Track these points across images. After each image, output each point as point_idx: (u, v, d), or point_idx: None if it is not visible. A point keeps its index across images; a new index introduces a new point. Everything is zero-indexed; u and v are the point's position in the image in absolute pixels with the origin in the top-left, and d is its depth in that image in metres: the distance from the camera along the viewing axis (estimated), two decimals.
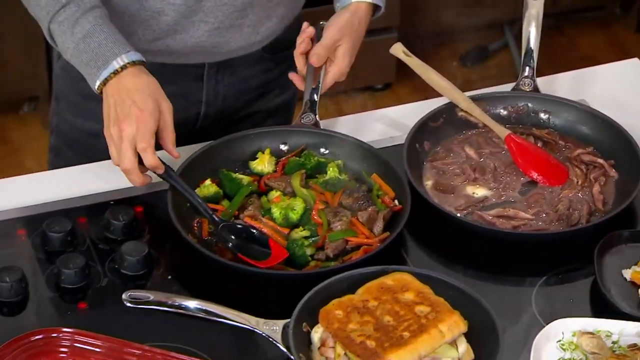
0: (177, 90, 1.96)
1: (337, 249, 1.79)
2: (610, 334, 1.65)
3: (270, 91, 2.09)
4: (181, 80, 1.98)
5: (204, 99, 2.02)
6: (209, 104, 2.03)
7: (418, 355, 1.59)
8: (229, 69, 2.00)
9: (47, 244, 1.77)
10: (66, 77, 2.01)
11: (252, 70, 2.03)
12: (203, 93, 2.01)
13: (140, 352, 1.59)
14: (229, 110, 2.05)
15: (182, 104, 1.98)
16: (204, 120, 2.05)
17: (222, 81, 2.01)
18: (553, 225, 1.82)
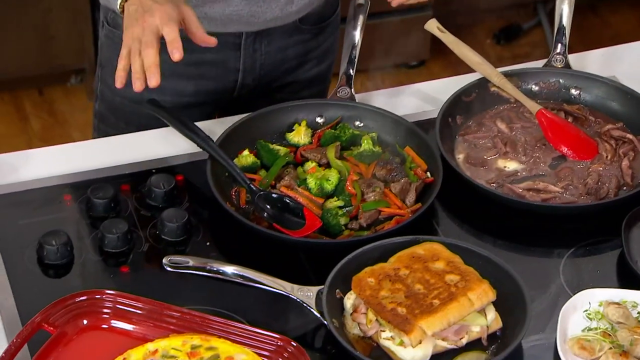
0: (215, 58, 2.01)
1: (370, 218, 1.84)
2: (637, 304, 1.69)
3: (308, 62, 2.13)
4: (219, 48, 2.02)
5: (241, 68, 2.06)
6: (246, 73, 2.07)
7: (447, 322, 1.63)
8: (266, 38, 2.04)
9: (91, 210, 1.83)
10: (110, 44, 2.07)
11: (288, 41, 2.07)
12: (240, 62, 2.05)
13: (179, 314, 1.64)
14: (266, 79, 2.09)
15: (220, 72, 2.04)
16: (242, 89, 2.09)
17: (260, 50, 2.05)
18: (582, 198, 1.85)
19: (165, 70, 1.99)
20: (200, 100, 2.07)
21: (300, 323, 1.69)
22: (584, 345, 1.63)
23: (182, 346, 1.60)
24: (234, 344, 1.60)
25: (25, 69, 3.48)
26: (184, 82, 2.05)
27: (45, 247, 1.74)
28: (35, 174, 1.90)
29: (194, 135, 1.87)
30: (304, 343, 1.63)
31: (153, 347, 1.59)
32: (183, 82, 2.05)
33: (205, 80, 2.05)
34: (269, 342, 1.62)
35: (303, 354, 1.59)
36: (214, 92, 2.05)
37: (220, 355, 1.59)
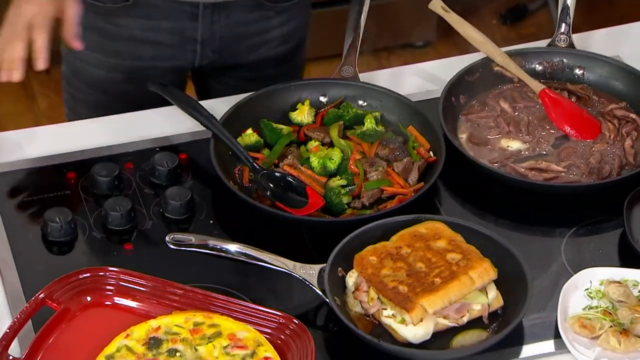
0: (172, 26, 2.03)
1: (373, 197, 1.84)
2: (637, 283, 1.70)
3: (271, 40, 2.12)
4: (176, 17, 2.03)
5: (199, 39, 2.06)
6: (205, 44, 2.07)
7: (449, 300, 1.64)
8: (225, 11, 2.04)
9: (95, 188, 1.84)
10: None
11: (249, 16, 2.07)
12: (198, 32, 2.05)
13: (182, 291, 1.65)
14: (227, 52, 2.09)
15: (177, 40, 2.05)
16: (202, 60, 2.09)
17: (219, 22, 2.05)
18: (584, 177, 1.86)
19: (123, 33, 2.02)
20: (160, 66, 2.07)
21: (303, 301, 1.70)
22: (584, 324, 1.63)
23: (185, 323, 1.61)
24: (236, 321, 1.62)
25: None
26: (142, 46, 2.05)
27: (49, 225, 1.75)
28: (40, 152, 1.91)
29: (198, 114, 1.88)
30: (306, 321, 1.64)
31: (156, 324, 1.60)
32: (142, 46, 2.05)
33: (164, 47, 2.06)
34: (271, 319, 1.63)
35: (305, 331, 1.61)
36: (173, 58, 2.06)
37: (222, 332, 1.60)
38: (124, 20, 2.02)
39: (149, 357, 1.56)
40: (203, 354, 1.58)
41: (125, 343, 1.57)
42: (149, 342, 1.58)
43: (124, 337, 1.58)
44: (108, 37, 2.04)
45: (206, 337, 1.59)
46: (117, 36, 2.04)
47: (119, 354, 1.56)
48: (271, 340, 1.60)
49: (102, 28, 2.04)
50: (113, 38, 2.04)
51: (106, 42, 2.05)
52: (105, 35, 2.04)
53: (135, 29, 2.02)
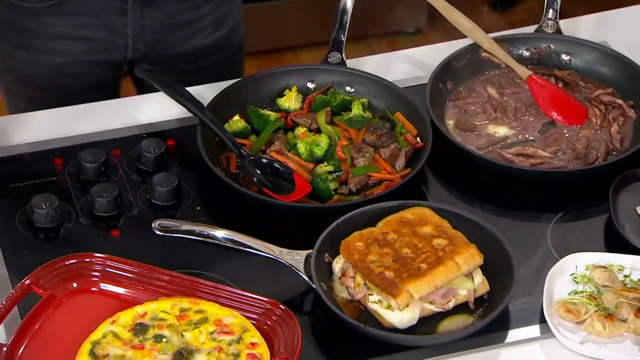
0: (101, 22, 2.03)
1: (360, 183, 1.85)
2: (623, 268, 1.70)
3: (203, 29, 2.12)
4: (105, 14, 2.03)
5: (130, 33, 2.06)
6: (136, 38, 2.07)
7: (434, 286, 1.64)
8: (154, 4, 2.04)
9: (82, 174, 1.84)
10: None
11: (178, 6, 2.07)
12: (129, 27, 2.05)
13: (169, 277, 1.66)
14: (160, 45, 2.09)
15: (108, 36, 2.05)
16: (135, 53, 2.08)
17: (148, 15, 2.05)
18: (571, 163, 1.86)
19: (51, 31, 2.02)
20: (92, 60, 2.07)
21: (289, 287, 1.70)
22: (569, 309, 1.64)
23: (171, 309, 1.61)
24: (222, 307, 1.62)
25: None
26: (72, 43, 2.05)
27: (35, 211, 1.75)
28: (27, 138, 1.91)
29: (185, 100, 1.88)
30: (293, 306, 1.64)
31: (142, 310, 1.60)
32: (72, 43, 2.05)
33: (95, 43, 2.06)
34: (257, 305, 1.63)
35: (291, 317, 1.61)
36: (105, 52, 2.05)
37: (208, 318, 1.60)
38: (52, 20, 2.02)
39: (135, 343, 1.57)
40: (189, 339, 1.58)
41: (111, 329, 1.58)
42: (135, 328, 1.58)
43: (110, 323, 1.58)
44: (36, 36, 2.04)
45: (192, 323, 1.60)
46: (45, 35, 2.04)
47: (105, 339, 1.56)
48: (257, 326, 1.61)
49: (29, 27, 2.03)
50: (41, 37, 2.04)
51: (35, 41, 2.04)
52: (33, 35, 2.04)
53: (64, 26, 2.02)
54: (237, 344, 1.58)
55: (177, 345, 1.57)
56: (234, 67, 2.21)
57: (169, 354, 1.56)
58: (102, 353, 1.54)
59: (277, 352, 1.57)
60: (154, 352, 1.56)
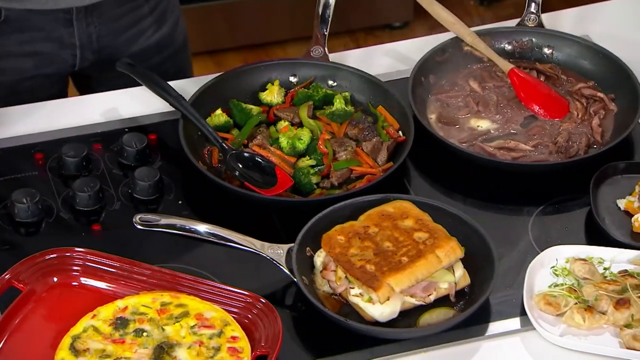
0: (48, 35, 2.02)
1: (342, 177, 1.85)
2: (603, 260, 1.71)
3: (147, 29, 2.12)
4: (50, 26, 2.02)
5: (77, 43, 2.05)
6: (84, 47, 2.06)
7: (415, 279, 1.65)
8: (97, 10, 2.04)
9: (63, 168, 1.84)
10: None
11: (121, 10, 2.07)
12: (75, 37, 2.04)
13: (150, 272, 1.66)
14: (107, 50, 2.09)
15: (56, 48, 2.04)
16: (83, 62, 2.08)
17: (92, 23, 2.04)
18: (552, 156, 1.86)
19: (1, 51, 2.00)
20: (43, 74, 2.06)
21: (271, 281, 1.71)
22: (549, 301, 1.64)
23: (152, 303, 1.61)
24: (203, 301, 1.62)
25: None
26: (21, 60, 2.04)
27: (16, 205, 1.75)
28: (8, 133, 1.90)
29: (167, 95, 1.88)
30: (274, 300, 1.65)
31: (122, 304, 1.60)
32: (21, 60, 2.04)
33: (44, 57, 2.05)
34: (238, 299, 1.63)
35: (272, 310, 1.61)
36: (54, 63, 2.05)
37: (189, 312, 1.60)
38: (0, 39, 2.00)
39: (116, 337, 1.57)
40: (170, 333, 1.58)
41: (92, 323, 1.58)
42: (115, 322, 1.58)
43: (91, 318, 1.58)
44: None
45: (173, 317, 1.60)
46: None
47: (86, 334, 1.56)
48: (238, 320, 1.61)
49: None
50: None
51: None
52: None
53: (11, 44, 2.01)
54: (218, 337, 1.58)
55: (158, 339, 1.57)
56: (182, 64, 2.21)
57: (150, 348, 1.56)
58: (83, 347, 1.54)
59: (258, 346, 1.58)
60: (134, 346, 1.56)
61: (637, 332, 1.59)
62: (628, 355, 1.60)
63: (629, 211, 1.78)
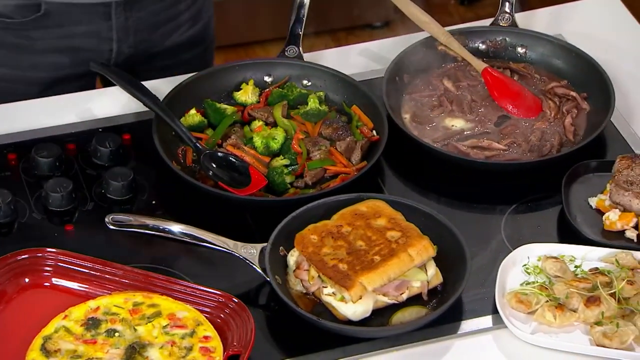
0: (86, 29, 2.03)
1: (316, 177, 1.85)
2: (574, 258, 1.72)
3: (182, 25, 2.13)
4: (89, 20, 2.03)
5: (114, 37, 2.06)
6: (121, 41, 2.07)
7: (387, 277, 1.65)
8: (137, 4, 2.04)
9: (36, 169, 1.84)
10: None
11: (160, 5, 2.07)
12: (113, 31, 2.05)
13: (122, 272, 1.66)
14: (142, 45, 2.09)
15: (94, 43, 2.05)
16: (118, 57, 2.09)
17: (131, 17, 2.05)
18: (525, 155, 1.87)
19: (39, 46, 2.01)
20: (77, 72, 2.07)
21: (245, 280, 1.71)
22: (521, 299, 1.65)
23: (124, 303, 1.61)
24: (175, 301, 1.62)
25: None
26: (58, 55, 2.05)
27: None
28: None
29: (141, 95, 1.87)
30: (248, 300, 1.65)
31: (94, 305, 1.60)
32: (57, 55, 2.05)
33: (80, 52, 2.05)
34: (210, 298, 1.63)
35: (244, 310, 1.61)
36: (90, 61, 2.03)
37: (162, 312, 1.60)
38: (38, 33, 2.01)
39: (87, 337, 1.57)
40: (142, 334, 1.58)
41: (64, 324, 1.57)
42: (87, 322, 1.58)
43: (62, 318, 1.58)
44: (23, 52, 2.03)
45: (145, 317, 1.60)
46: (32, 50, 2.03)
47: (57, 334, 1.56)
48: (211, 319, 1.61)
49: (15, 44, 2.02)
50: (28, 52, 2.03)
51: (21, 58, 2.03)
52: (20, 51, 2.03)
53: (50, 39, 2.01)
54: (190, 337, 1.58)
55: (130, 339, 1.57)
56: (207, 60, 2.22)
57: (122, 349, 1.56)
58: (54, 348, 1.54)
59: (231, 345, 1.58)
60: (106, 346, 1.56)
61: (607, 329, 1.60)
62: (598, 353, 1.61)
63: (601, 209, 1.79)
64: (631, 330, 1.59)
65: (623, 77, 2.01)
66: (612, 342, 1.59)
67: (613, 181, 1.78)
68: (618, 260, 1.69)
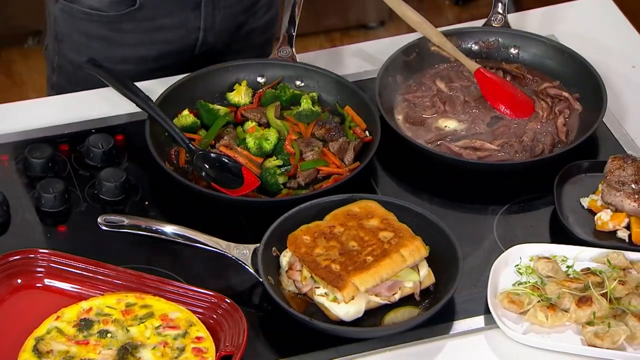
0: (175, 21, 2.03)
1: (309, 177, 1.85)
2: (566, 258, 1.72)
3: (259, 9, 2.13)
4: (179, 11, 2.03)
5: (202, 26, 2.06)
6: (207, 30, 2.07)
7: (380, 278, 1.65)
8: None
9: (29, 170, 1.84)
10: (67, 18, 2.06)
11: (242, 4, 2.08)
12: (201, 20, 2.05)
13: (115, 273, 1.66)
14: (225, 32, 2.10)
15: (181, 34, 2.05)
16: (202, 46, 2.09)
17: (219, 6, 2.06)
18: (517, 156, 1.87)
19: (131, 40, 2.02)
20: (162, 65, 2.08)
21: (238, 281, 1.71)
22: (513, 299, 1.65)
23: (117, 304, 1.61)
24: (168, 302, 1.62)
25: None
26: (147, 48, 2.06)
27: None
28: None
29: (133, 95, 1.88)
30: (240, 300, 1.65)
31: (87, 306, 1.61)
32: (146, 48, 2.06)
33: (167, 44, 2.07)
34: (202, 299, 1.64)
35: (237, 310, 1.62)
36: (176, 53, 2.06)
37: (154, 313, 1.61)
38: (130, 26, 2.02)
39: (80, 338, 1.57)
40: (134, 334, 1.58)
41: (56, 325, 1.58)
42: (79, 323, 1.58)
43: (55, 319, 1.58)
44: (115, 46, 2.04)
45: (138, 318, 1.60)
46: (123, 43, 2.04)
47: (49, 335, 1.56)
48: (203, 320, 1.61)
49: (107, 37, 2.03)
50: (119, 45, 2.04)
51: (112, 50, 2.04)
52: (112, 44, 2.04)
53: (141, 32, 2.02)
54: (182, 338, 1.58)
55: (122, 340, 1.57)
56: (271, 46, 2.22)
57: (114, 349, 1.56)
58: (46, 349, 1.54)
59: (223, 346, 1.58)
60: (98, 347, 1.56)
61: (599, 329, 1.60)
62: (590, 353, 1.61)
63: (593, 209, 1.79)
64: (622, 330, 1.60)
65: (615, 77, 2.02)
66: (603, 342, 1.60)
67: (605, 181, 1.78)
68: (610, 260, 1.70)
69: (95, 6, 2.00)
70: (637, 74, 2.05)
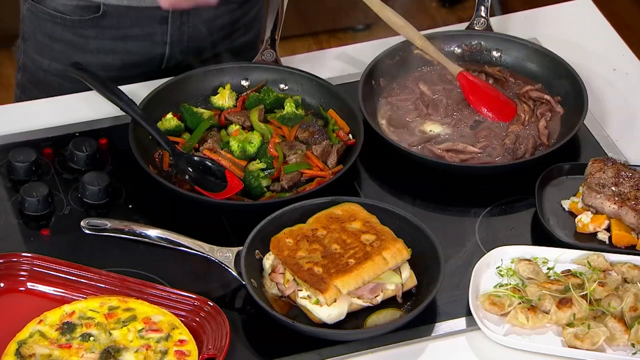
0: (140, 32, 2.03)
1: (292, 180, 1.86)
2: (547, 260, 1.73)
3: (235, 31, 2.14)
4: (145, 23, 2.03)
5: (168, 41, 2.06)
6: (174, 45, 2.07)
7: (362, 280, 1.66)
8: (194, 10, 2.04)
9: (12, 173, 1.84)
10: (33, 18, 2.07)
11: (216, 11, 2.08)
12: (167, 35, 2.06)
13: (98, 276, 1.66)
14: (194, 51, 2.10)
15: (146, 46, 2.05)
16: (169, 62, 2.10)
17: (187, 23, 2.05)
18: (499, 158, 1.88)
19: (93, 46, 2.02)
20: (126, 74, 2.07)
21: (221, 284, 1.72)
22: (494, 301, 1.66)
23: (100, 308, 1.62)
24: (151, 305, 1.63)
25: None
26: (110, 57, 2.06)
27: None
28: None
29: (117, 99, 1.88)
30: (223, 303, 1.66)
31: (70, 309, 1.61)
32: (109, 57, 2.06)
33: (131, 55, 2.06)
34: (185, 302, 1.64)
35: (220, 313, 1.62)
36: (140, 65, 2.06)
37: (137, 316, 1.61)
38: (93, 32, 2.02)
39: (62, 342, 1.57)
40: (117, 338, 1.59)
41: (39, 329, 1.58)
42: (62, 327, 1.58)
43: (37, 323, 1.59)
44: (77, 50, 2.04)
45: (121, 321, 1.60)
46: (86, 48, 2.04)
47: (32, 339, 1.57)
48: (186, 323, 1.62)
49: (71, 41, 2.03)
50: (82, 50, 2.04)
51: (75, 55, 2.04)
52: (74, 48, 2.04)
53: (104, 39, 2.02)
54: (165, 341, 1.59)
55: (105, 343, 1.58)
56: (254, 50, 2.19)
57: (97, 353, 1.56)
58: (29, 353, 1.55)
59: (206, 349, 1.58)
60: (81, 350, 1.56)
61: (579, 330, 1.61)
62: (570, 354, 1.62)
63: (573, 212, 1.80)
64: (602, 331, 1.61)
65: (596, 80, 2.03)
66: (583, 344, 1.61)
67: (585, 184, 1.79)
68: (590, 262, 1.71)
69: (60, 9, 2.01)
70: (618, 77, 2.06)
